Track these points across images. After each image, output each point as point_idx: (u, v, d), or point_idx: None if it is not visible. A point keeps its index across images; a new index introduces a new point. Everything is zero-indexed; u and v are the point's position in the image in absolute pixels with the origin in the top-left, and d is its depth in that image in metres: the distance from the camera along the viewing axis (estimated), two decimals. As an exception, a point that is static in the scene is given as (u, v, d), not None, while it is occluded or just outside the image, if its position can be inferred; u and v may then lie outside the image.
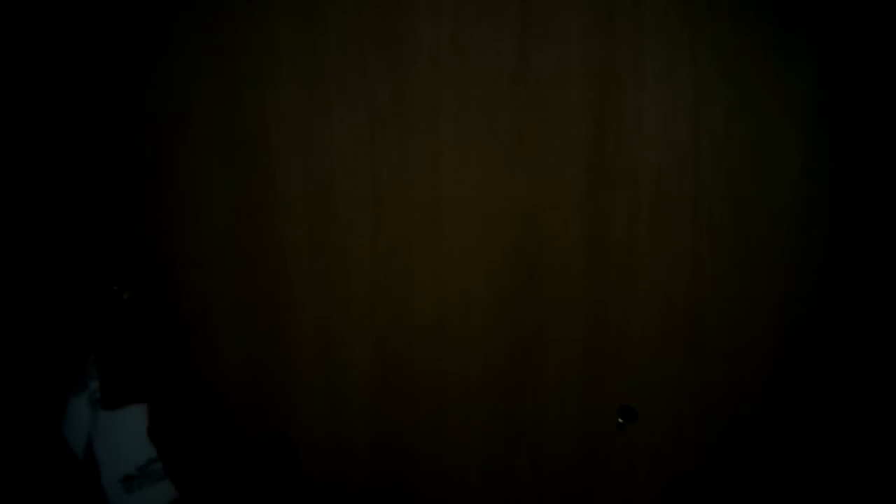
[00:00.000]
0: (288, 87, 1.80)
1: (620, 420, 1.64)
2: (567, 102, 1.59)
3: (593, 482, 1.74)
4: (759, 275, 1.51)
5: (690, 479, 1.64)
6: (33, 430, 2.14)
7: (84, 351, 2.15)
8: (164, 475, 2.03)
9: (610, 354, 1.66)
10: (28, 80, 2.06)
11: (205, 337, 2.03)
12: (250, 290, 1.96)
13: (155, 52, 1.90)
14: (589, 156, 1.59)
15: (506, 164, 1.67)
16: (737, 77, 1.45)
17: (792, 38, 1.41)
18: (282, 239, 1.90)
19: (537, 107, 1.61)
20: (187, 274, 2.00)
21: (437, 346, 1.83)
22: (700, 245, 1.54)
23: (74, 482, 2.07)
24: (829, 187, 1.44)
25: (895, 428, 1.48)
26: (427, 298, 1.81)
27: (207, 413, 2.07)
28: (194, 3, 1.84)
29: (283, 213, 1.88)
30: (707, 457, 1.62)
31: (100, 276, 2.08)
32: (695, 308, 1.57)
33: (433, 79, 1.68)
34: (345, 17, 1.71)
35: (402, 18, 1.67)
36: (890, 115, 1.37)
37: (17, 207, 2.13)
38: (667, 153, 1.53)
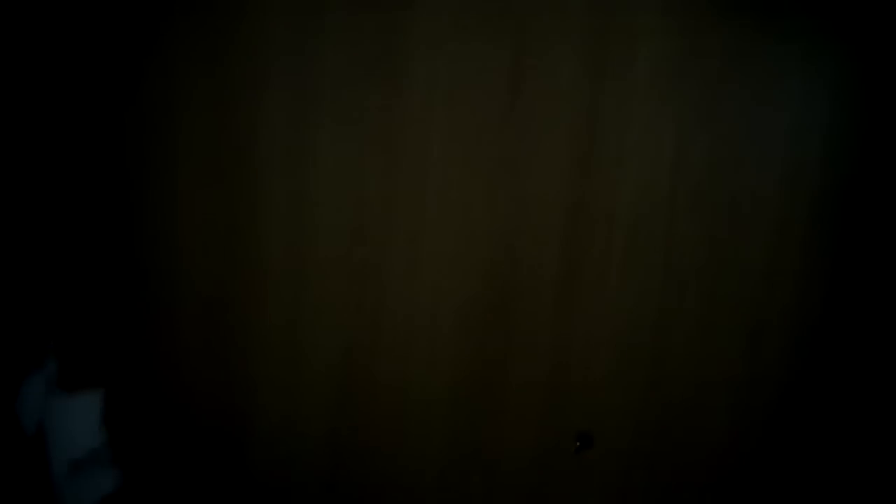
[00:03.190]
0: (278, 100, 1.83)
1: (577, 444, 1.67)
2: (554, 139, 1.66)
3: (549, 502, 1.76)
4: (725, 326, 1.59)
5: (640, 499, 1.67)
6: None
7: (46, 331, 2.11)
8: (111, 463, 1.98)
9: (572, 386, 1.70)
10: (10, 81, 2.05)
11: (170, 330, 2.00)
12: (221, 289, 1.96)
13: (148, 62, 1.91)
14: (570, 193, 1.66)
15: (489, 194, 1.72)
16: (717, 129, 1.52)
17: (776, 92, 1.49)
18: (258, 240, 1.91)
19: (525, 141, 1.68)
20: (159, 267, 1.99)
21: (402, 367, 1.85)
22: (668, 290, 1.61)
23: (23, 461, 2.00)
24: (797, 249, 1.51)
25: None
26: (396, 319, 1.83)
27: (166, 406, 2.03)
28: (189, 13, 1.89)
29: (262, 218, 1.90)
30: (660, 481, 1.66)
31: (69, 263, 2.06)
32: (658, 350, 1.63)
33: (426, 104, 1.73)
34: (341, 40, 1.76)
35: (399, 43, 1.73)
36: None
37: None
38: (644, 197, 1.61)
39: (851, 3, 1.42)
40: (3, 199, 2.15)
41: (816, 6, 1.44)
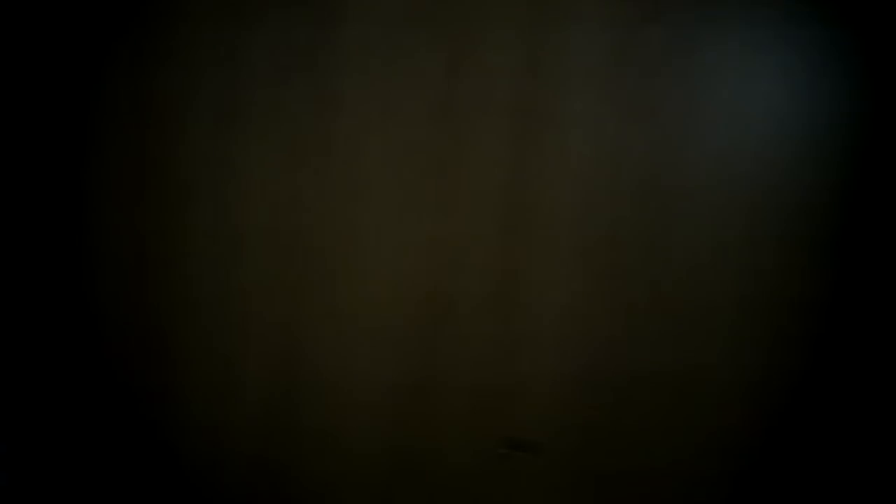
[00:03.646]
0: (204, 120, 1.80)
1: (514, 449, 1.63)
2: (490, 138, 1.65)
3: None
4: (669, 321, 1.56)
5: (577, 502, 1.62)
6: None
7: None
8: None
9: (510, 387, 1.66)
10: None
11: (94, 337, 1.92)
12: (145, 299, 1.88)
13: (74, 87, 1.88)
14: (509, 192, 1.64)
15: (425, 197, 1.70)
16: (656, 121, 1.53)
17: (712, 82, 1.50)
18: (184, 258, 1.85)
19: (461, 140, 1.66)
20: (79, 275, 1.91)
21: (336, 374, 1.78)
22: (612, 287, 1.59)
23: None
24: (739, 239, 1.51)
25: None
26: (329, 332, 1.77)
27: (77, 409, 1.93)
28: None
29: (188, 237, 1.84)
30: (603, 486, 1.62)
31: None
32: (602, 346, 1.60)
33: (357, 114, 1.71)
34: (267, 49, 1.75)
35: (328, 53, 1.71)
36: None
37: None
38: (584, 194, 1.60)
39: None
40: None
41: None
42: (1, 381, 1.92)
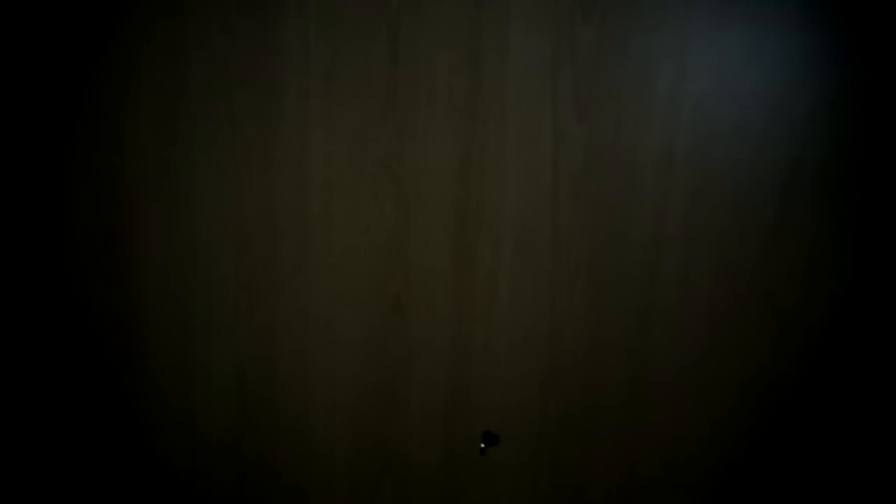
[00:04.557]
0: (147, 122, 1.77)
1: (482, 445, 1.68)
2: (434, 137, 1.62)
3: (458, 501, 1.77)
4: (614, 314, 1.59)
5: (550, 494, 1.71)
6: None
7: None
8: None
9: (474, 383, 1.70)
10: None
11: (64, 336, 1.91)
12: (111, 298, 1.89)
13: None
14: (455, 191, 1.64)
15: (374, 196, 1.68)
16: (595, 119, 1.52)
17: (651, 84, 1.49)
18: (141, 262, 1.84)
19: (406, 139, 1.64)
20: (45, 278, 1.89)
21: (301, 374, 1.81)
22: (558, 282, 1.61)
23: None
24: (678, 235, 1.54)
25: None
26: (291, 327, 1.79)
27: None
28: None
29: (139, 243, 1.83)
30: (566, 473, 1.69)
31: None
32: (553, 343, 1.64)
33: (301, 108, 1.68)
34: (209, 50, 1.70)
35: (270, 50, 1.67)
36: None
37: None
38: (528, 192, 1.59)
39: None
40: None
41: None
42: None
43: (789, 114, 1.42)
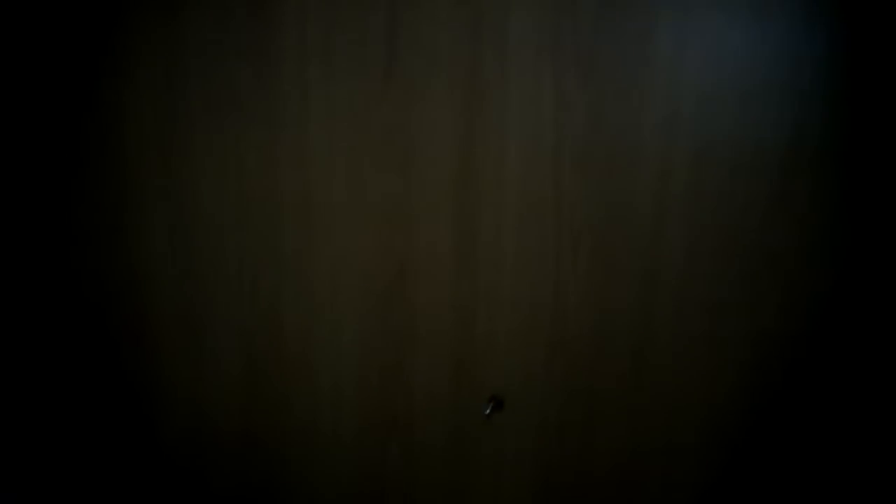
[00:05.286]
0: (145, 92, 1.76)
1: (489, 408, 1.70)
2: (434, 106, 1.61)
3: (464, 466, 1.81)
4: (618, 279, 1.60)
5: (554, 459, 1.74)
6: None
7: None
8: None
9: (478, 349, 1.71)
10: None
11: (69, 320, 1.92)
12: (109, 282, 1.90)
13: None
14: (456, 157, 1.63)
15: (375, 167, 1.68)
16: (596, 84, 1.51)
17: (648, 49, 1.48)
18: (140, 235, 1.85)
19: (406, 110, 1.63)
20: (48, 262, 1.89)
21: (307, 343, 1.83)
22: (562, 249, 1.61)
23: None
24: (682, 197, 1.53)
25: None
26: (296, 297, 1.80)
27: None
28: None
29: (141, 214, 1.84)
30: (570, 438, 1.72)
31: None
32: (558, 309, 1.65)
33: (301, 78, 1.66)
34: (206, 22, 1.68)
35: (269, 22, 1.65)
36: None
37: None
38: (530, 159, 1.59)
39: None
40: None
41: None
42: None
43: (795, 77, 1.41)
